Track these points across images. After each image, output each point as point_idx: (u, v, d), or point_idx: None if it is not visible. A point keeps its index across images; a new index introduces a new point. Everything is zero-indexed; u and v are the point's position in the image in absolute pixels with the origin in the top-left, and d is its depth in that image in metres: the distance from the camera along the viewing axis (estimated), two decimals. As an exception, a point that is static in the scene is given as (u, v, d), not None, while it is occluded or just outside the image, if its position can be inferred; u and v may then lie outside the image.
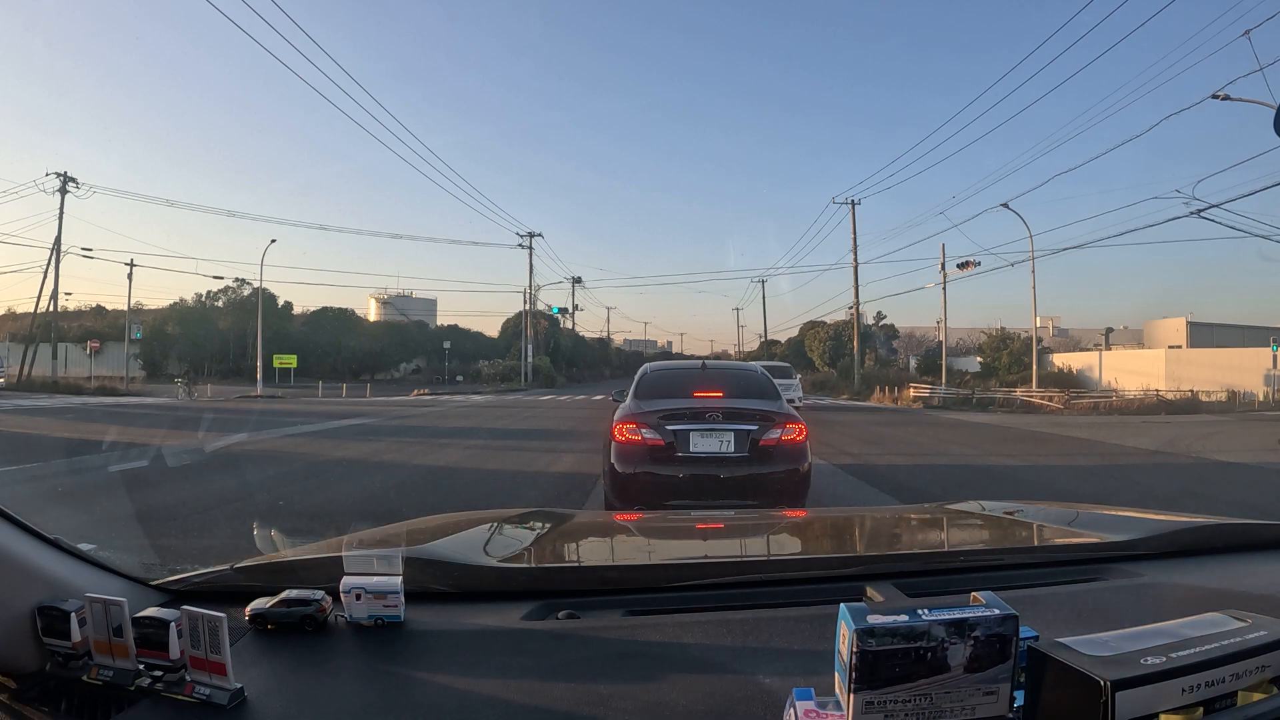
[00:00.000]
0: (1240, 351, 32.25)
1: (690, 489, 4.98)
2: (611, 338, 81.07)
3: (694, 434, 5.05)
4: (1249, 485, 8.64)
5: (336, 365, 44.98)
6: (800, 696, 0.70)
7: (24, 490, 6.92)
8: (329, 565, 1.09)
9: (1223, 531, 1.46)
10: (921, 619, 0.66)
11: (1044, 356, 36.59)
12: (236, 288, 46.40)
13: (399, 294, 58.62)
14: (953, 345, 41.40)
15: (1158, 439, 14.18)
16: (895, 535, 1.92)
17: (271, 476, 7.95)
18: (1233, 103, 16.26)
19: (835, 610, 0.68)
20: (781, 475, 5.08)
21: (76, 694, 0.85)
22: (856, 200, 37.18)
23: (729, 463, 5.03)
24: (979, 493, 7.53)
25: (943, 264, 32.38)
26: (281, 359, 38.31)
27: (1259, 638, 0.73)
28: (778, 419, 5.21)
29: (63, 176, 32.04)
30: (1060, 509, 2.10)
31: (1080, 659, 0.68)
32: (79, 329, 42.35)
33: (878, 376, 37.43)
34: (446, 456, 10.21)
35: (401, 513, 5.87)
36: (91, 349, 36.50)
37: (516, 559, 1.44)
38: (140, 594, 1.04)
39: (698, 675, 0.87)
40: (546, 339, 51.39)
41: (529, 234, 46.23)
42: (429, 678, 0.88)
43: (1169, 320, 46.17)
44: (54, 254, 32.48)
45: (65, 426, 13.83)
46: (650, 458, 5.04)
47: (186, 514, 5.73)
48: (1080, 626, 0.96)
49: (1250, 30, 15.26)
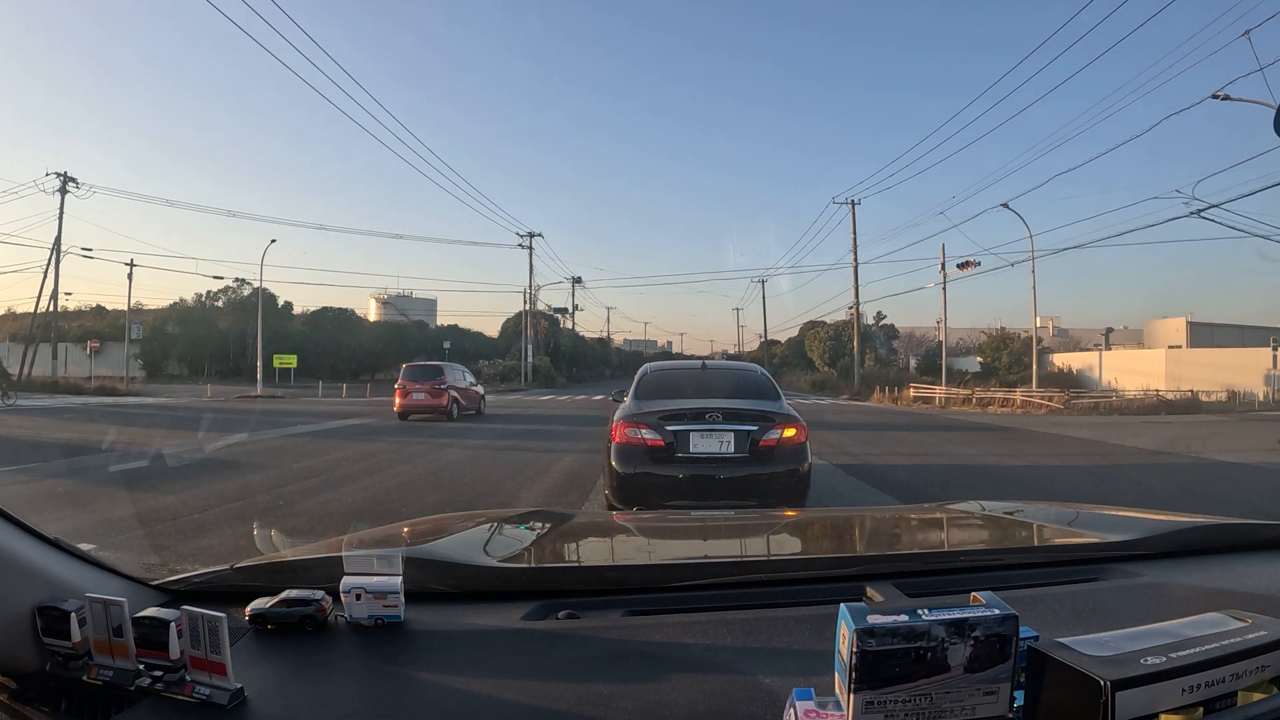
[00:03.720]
0: (1240, 351, 32.23)
1: (690, 489, 4.98)
2: (611, 338, 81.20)
3: (694, 434, 5.06)
4: (1249, 485, 8.64)
5: (336, 365, 44.95)
6: (800, 696, 0.70)
7: (24, 490, 6.92)
8: (329, 565, 1.09)
9: (1223, 531, 1.46)
10: (921, 619, 0.65)
11: (1044, 356, 36.58)
12: (236, 288, 46.45)
13: (399, 294, 58.64)
14: (953, 345, 41.40)
15: (1158, 439, 14.18)
16: (895, 535, 1.92)
17: (271, 476, 7.95)
18: (1233, 103, 16.27)
19: (835, 610, 0.68)
20: (782, 476, 5.09)
21: (76, 694, 0.84)
22: (856, 200, 37.29)
23: (729, 463, 5.04)
24: (979, 493, 7.53)
25: (943, 264, 32.42)
26: (281, 359, 38.26)
27: (1259, 638, 0.73)
28: (778, 420, 5.22)
29: (63, 176, 32.03)
30: (1060, 509, 2.10)
31: (1080, 659, 0.68)
32: (79, 329, 42.33)
33: (878, 376, 37.45)
34: (446, 456, 10.21)
35: (401, 513, 5.91)
36: (91, 349, 36.46)
37: (516, 559, 1.44)
38: (140, 594, 1.04)
39: (698, 675, 0.87)
40: (546, 339, 51.38)
41: (529, 234, 46.26)
42: (429, 678, 0.88)
43: (1169, 320, 46.15)
44: (54, 254, 32.49)
45: (65, 426, 13.83)
46: (650, 458, 5.06)
47: (186, 514, 5.73)
48: (1080, 626, 0.96)
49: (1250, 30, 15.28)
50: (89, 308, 48.76)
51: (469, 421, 17.09)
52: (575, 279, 55.97)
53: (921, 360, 47.15)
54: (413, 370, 17.83)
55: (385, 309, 57.49)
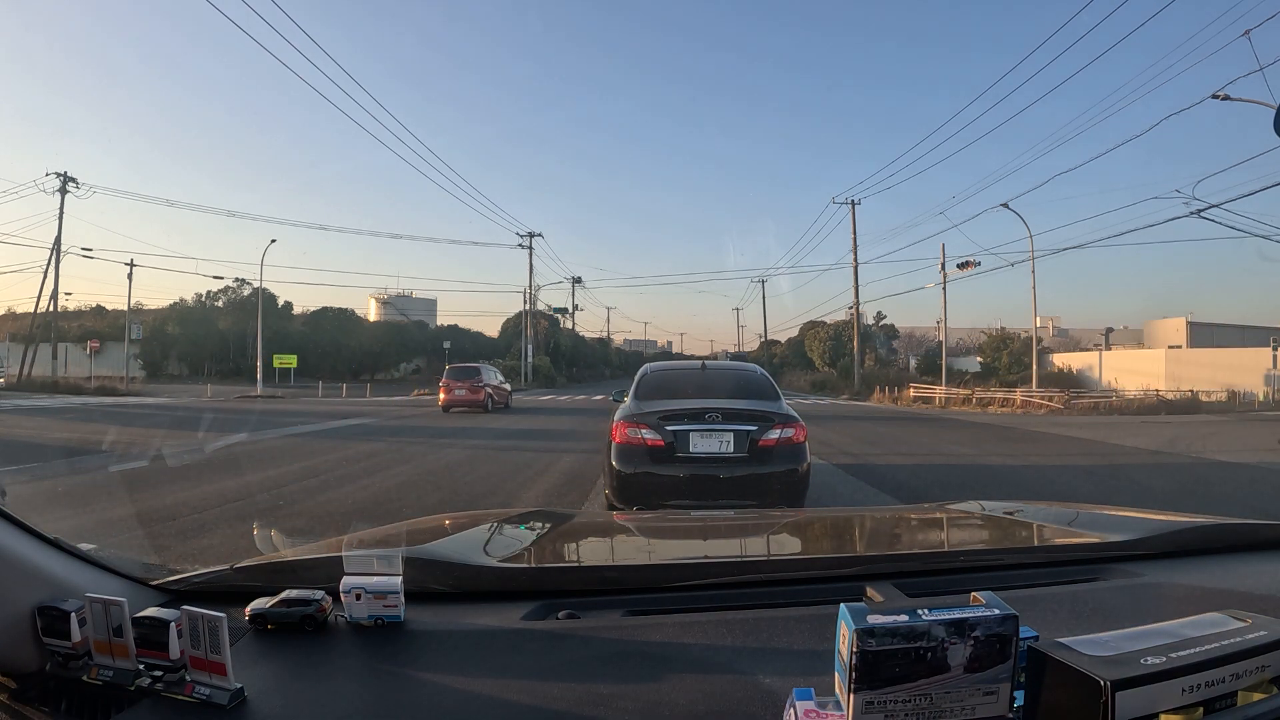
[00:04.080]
0: (1240, 351, 32.23)
1: (690, 489, 5.01)
2: (611, 338, 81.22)
3: (694, 434, 5.10)
4: (1249, 485, 8.64)
5: (336, 365, 44.97)
6: (800, 696, 0.70)
7: (23, 490, 6.92)
8: (329, 565, 1.09)
9: (1223, 531, 1.46)
10: (921, 619, 0.65)
11: (1044, 356, 36.58)
12: (236, 288, 46.47)
13: (399, 294, 58.64)
14: (953, 345, 41.39)
15: (1158, 439, 14.18)
16: (895, 535, 1.92)
17: (271, 476, 7.94)
18: (1233, 103, 16.27)
19: (835, 610, 0.68)
20: (781, 475, 5.12)
21: (76, 694, 0.84)
22: (856, 200, 37.32)
23: (728, 463, 5.08)
24: (979, 493, 7.53)
25: (943, 264, 32.41)
26: (281, 359, 38.26)
27: (1259, 638, 0.73)
28: (777, 420, 5.25)
29: (63, 176, 32.04)
30: (1060, 509, 2.11)
31: (1080, 659, 0.68)
32: (79, 329, 42.34)
33: (878, 376, 37.45)
34: (447, 456, 10.21)
35: (401, 513, 5.90)
36: (91, 349, 36.45)
37: (516, 559, 1.44)
38: (140, 594, 1.04)
39: (698, 675, 0.87)
40: (546, 339, 51.39)
41: (529, 234, 46.28)
42: (429, 678, 0.87)
43: (1169, 320, 46.15)
44: (54, 254, 32.50)
45: (65, 426, 13.83)
46: (650, 458, 5.09)
47: (186, 514, 5.73)
48: (1080, 626, 0.96)
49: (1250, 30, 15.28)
50: (89, 308, 48.82)
51: (499, 414, 19.92)
52: (575, 279, 56.04)
53: (921, 360, 47.15)
54: (455, 371, 21.09)
55: (385, 309, 57.49)
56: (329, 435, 13.18)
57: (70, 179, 32.17)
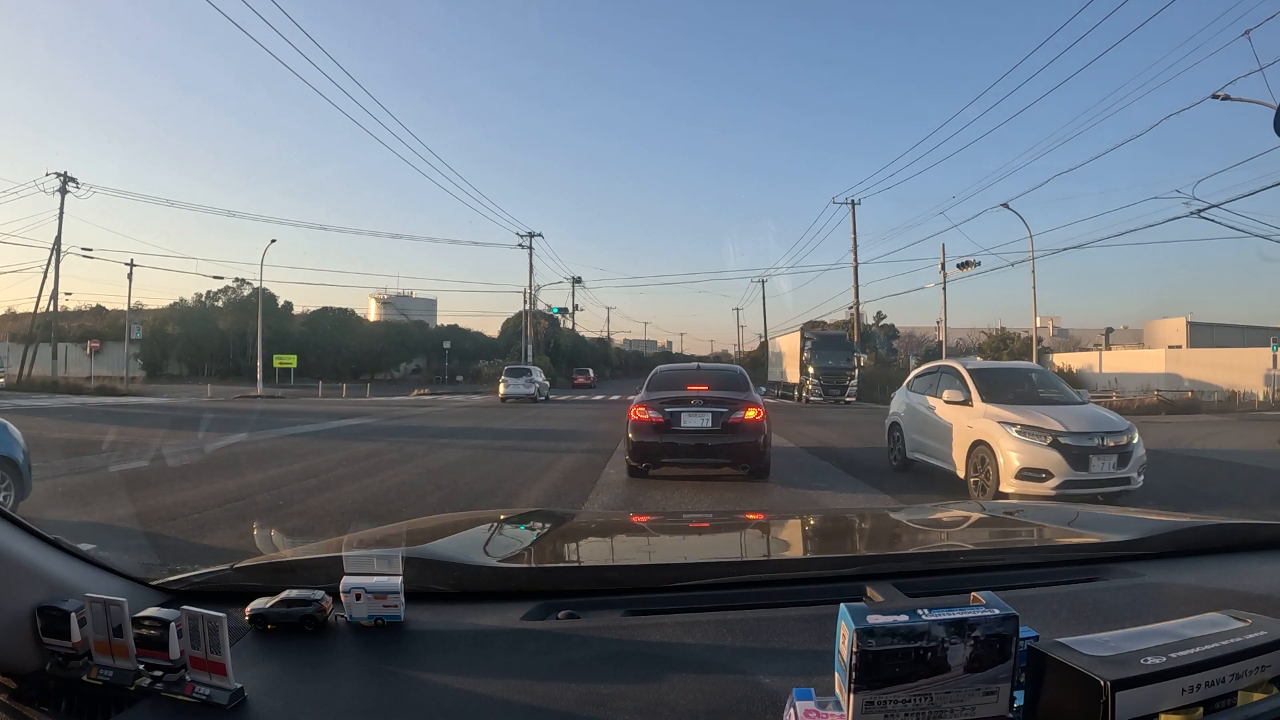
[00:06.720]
0: (1240, 351, 32.25)
1: (681, 451, 7.44)
2: (611, 338, 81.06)
3: (684, 413, 7.45)
4: (1249, 485, 8.64)
5: (336, 365, 44.97)
6: (800, 696, 0.70)
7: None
8: (329, 565, 1.09)
9: (1223, 531, 1.46)
10: (921, 619, 0.65)
11: (1044, 356, 36.57)
12: (236, 288, 46.45)
13: (399, 294, 58.67)
14: (953, 345, 41.34)
15: (1158, 439, 14.16)
16: (895, 535, 1.92)
17: (271, 476, 7.94)
18: (1233, 103, 16.23)
19: (835, 610, 0.68)
20: (745, 444, 7.38)
21: (76, 694, 0.84)
22: (856, 200, 37.22)
23: (707, 434, 7.37)
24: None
25: (943, 264, 32.38)
26: (281, 359, 38.29)
27: (1259, 638, 0.73)
28: (742, 404, 7.51)
29: (62, 176, 32.04)
30: (1060, 509, 2.11)
31: (1080, 659, 0.68)
32: (79, 329, 42.35)
33: (878, 376, 37.40)
34: (447, 456, 10.21)
35: (401, 513, 5.90)
36: (91, 349, 36.48)
37: (516, 559, 1.44)
38: (140, 594, 1.04)
39: (698, 675, 0.87)
40: (546, 339, 51.34)
41: (529, 234, 46.12)
42: (429, 678, 0.87)
43: (1169, 320, 46.17)
44: (54, 254, 32.49)
45: (65, 426, 13.82)
46: (654, 429, 7.46)
47: (186, 514, 5.73)
48: (1080, 626, 0.96)
49: (1250, 30, 15.23)
50: (89, 308, 48.85)
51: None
52: (575, 279, 55.91)
53: (921, 360, 47.00)
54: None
55: (385, 309, 57.51)
56: (329, 435, 13.17)
57: (70, 179, 32.19)
